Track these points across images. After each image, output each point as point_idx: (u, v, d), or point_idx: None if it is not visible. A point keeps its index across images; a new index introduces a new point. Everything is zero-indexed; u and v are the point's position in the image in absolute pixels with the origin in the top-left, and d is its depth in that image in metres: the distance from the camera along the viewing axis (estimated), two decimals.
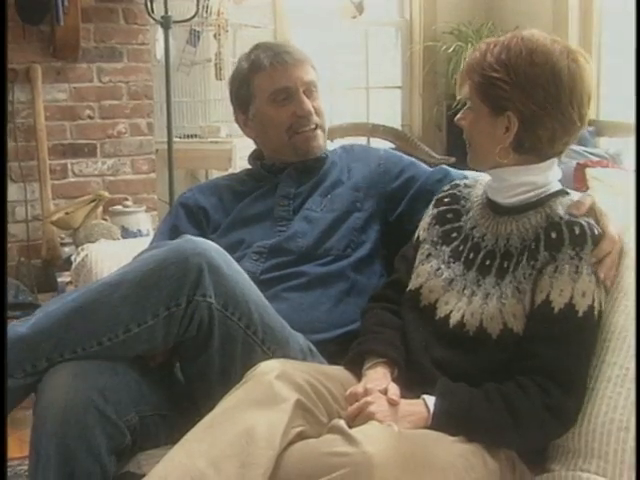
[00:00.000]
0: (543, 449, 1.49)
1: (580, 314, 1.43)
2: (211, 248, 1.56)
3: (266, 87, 1.96)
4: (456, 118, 1.59)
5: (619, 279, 1.51)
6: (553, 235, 1.47)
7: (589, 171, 3.96)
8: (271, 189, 1.98)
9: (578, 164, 4.06)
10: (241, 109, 2.03)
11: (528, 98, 1.47)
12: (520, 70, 1.47)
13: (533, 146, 1.51)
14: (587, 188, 3.81)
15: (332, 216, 1.90)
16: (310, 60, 2.00)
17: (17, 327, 1.52)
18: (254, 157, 2.09)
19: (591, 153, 4.30)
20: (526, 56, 1.48)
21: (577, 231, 1.46)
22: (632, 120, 4.01)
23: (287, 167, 1.99)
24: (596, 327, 1.46)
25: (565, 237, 1.46)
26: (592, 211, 1.50)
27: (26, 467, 1.74)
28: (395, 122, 5.27)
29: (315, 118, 1.96)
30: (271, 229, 1.91)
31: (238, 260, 1.81)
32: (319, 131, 1.98)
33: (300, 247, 1.86)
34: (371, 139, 4.90)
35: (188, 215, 1.99)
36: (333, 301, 1.80)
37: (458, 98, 1.61)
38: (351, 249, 1.87)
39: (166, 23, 3.64)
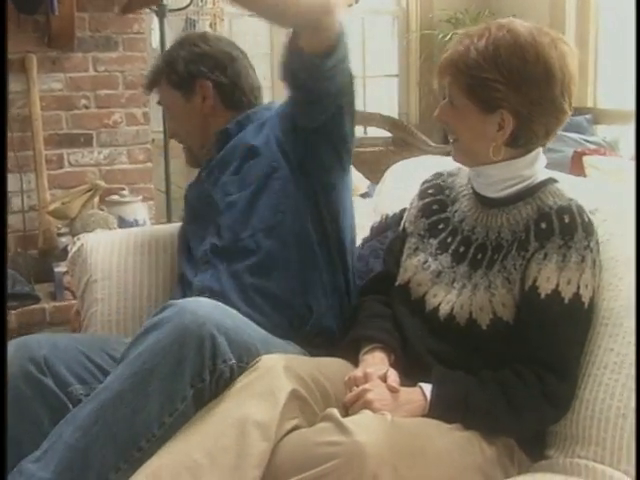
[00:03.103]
0: (541, 436, 1.49)
1: (566, 301, 1.43)
2: (209, 306, 1.47)
3: None
4: (435, 114, 1.53)
5: (613, 265, 1.51)
6: (543, 226, 1.46)
7: (586, 159, 3.96)
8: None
9: (575, 152, 4.06)
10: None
11: (524, 97, 1.43)
12: (513, 69, 1.42)
13: (528, 141, 1.49)
14: (584, 176, 3.81)
15: (248, 192, 1.77)
16: None
17: (33, 472, 1.34)
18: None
19: (588, 141, 4.30)
20: (517, 52, 1.42)
21: (567, 220, 1.45)
22: (631, 109, 4.03)
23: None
24: (586, 314, 1.46)
25: (555, 227, 1.45)
26: None
27: None
28: (392, 111, 5.25)
29: None
30: (211, 225, 1.82)
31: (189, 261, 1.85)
32: None
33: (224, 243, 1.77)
34: (367, 128, 4.88)
35: None
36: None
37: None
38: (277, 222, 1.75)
39: (161, 12, 3.63)
